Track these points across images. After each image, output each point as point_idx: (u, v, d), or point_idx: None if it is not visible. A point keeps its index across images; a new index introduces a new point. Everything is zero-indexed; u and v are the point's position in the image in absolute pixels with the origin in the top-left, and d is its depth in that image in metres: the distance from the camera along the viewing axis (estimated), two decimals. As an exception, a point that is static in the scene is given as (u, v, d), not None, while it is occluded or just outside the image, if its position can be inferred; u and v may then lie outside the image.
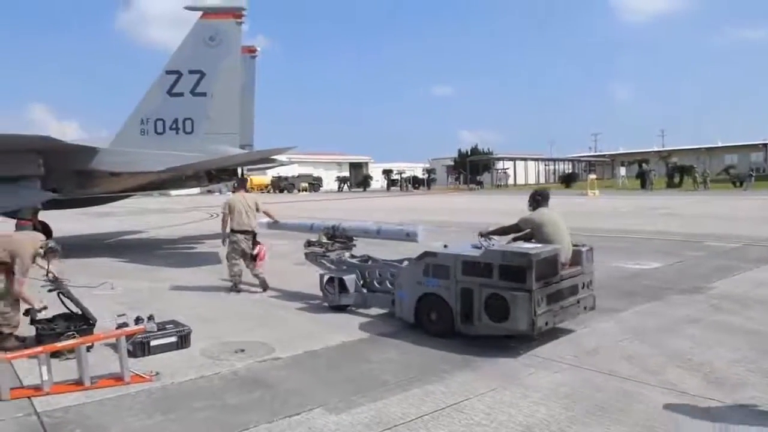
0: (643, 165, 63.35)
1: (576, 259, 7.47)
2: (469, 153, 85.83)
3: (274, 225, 11.29)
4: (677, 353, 6.53)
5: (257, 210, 10.80)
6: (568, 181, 70.08)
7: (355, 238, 9.67)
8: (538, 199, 8.06)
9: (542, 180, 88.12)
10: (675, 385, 5.52)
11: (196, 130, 15.96)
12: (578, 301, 7.20)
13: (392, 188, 79.24)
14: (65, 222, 21.36)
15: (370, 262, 8.93)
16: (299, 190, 75.29)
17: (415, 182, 79.88)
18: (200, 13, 16.00)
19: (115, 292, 10.81)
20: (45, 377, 5.56)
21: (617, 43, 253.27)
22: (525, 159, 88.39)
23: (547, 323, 6.59)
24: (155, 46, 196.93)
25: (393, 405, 5.23)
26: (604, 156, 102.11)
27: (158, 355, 6.71)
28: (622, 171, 64.64)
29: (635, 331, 7.42)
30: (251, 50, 21.41)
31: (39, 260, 7.27)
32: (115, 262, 14.83)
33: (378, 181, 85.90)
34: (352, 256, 9.24)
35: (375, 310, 8.51)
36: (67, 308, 7.36)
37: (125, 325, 6.86)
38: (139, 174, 16.19)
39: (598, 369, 6.04)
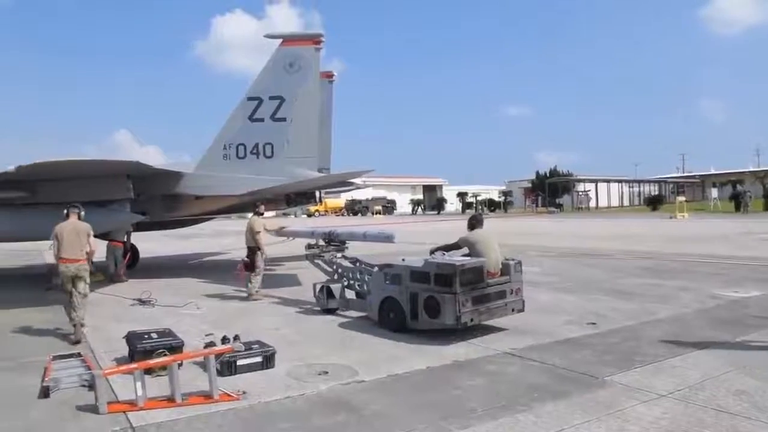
0: (738, 186, 59.95)
1: (505, 270, 8.91)
2: (547, 175, 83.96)
3: (281, 232, 13.76)
4: (790, 388, 6.00)
5: (257, 231, 12.57)
6: (654, 203, 67.24)
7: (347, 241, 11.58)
8: (474, 222, 9.56)
9: (626, 202, 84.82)
10: (792, 424, 5.05)
11: (276, 155, 16.36)
12: (506, 304, 8.68)
13: (467, 211, 78.58)
14: (150, 243, 22.25)
15: (357, 264, 10.50)
16: (373, 213, 75.77)
17: (491, 205, 78.75)
18: (280, 40, 16.47)
19: (200, 311, 11.13)
20: (139, 392, 5.72)
21: (707, 58, 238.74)
22: (608, 180, 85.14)
23: (472, 320, 8.08)
24: (231, 72, 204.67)
25: (482, 433, 5.03)
26: (693, 177, 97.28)
27: (244, 374, 6.79)
28: (714, 192, 61.04)
29: (740, 364, 6.89)
30: (329, 75, 21.80)
31: None
32: (199, 283, 15.28)
33: (452, 204, 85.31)
34: (344, 258, 11.00)
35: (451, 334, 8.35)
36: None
37: (212, 344, 7.00)
38: (221, 197, 16.68)
39: (702, 403, 5.63)
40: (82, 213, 9.50)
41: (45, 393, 6.11)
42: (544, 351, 7.65)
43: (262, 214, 13.31)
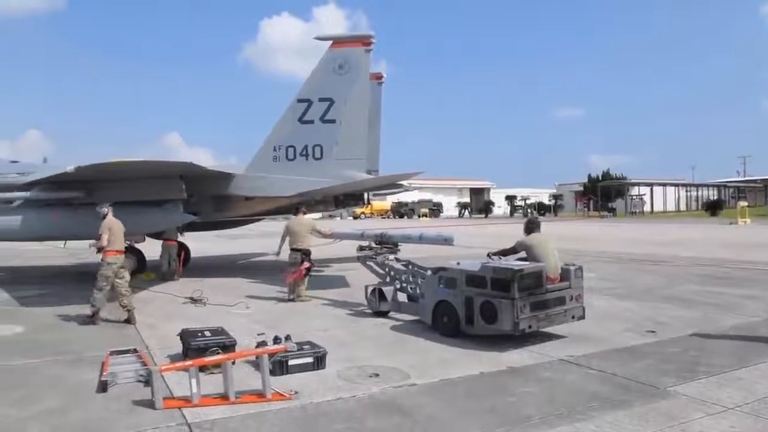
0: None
1: (565, 276, 8.67)
2: (600, 178, 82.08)
3: (329, 235, 13.52)
4: None
5: (311, 231, 12.66)
6: (713, 208, 64.98)
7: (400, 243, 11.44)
8: (531, 226, 9.42)
9: (683, 207, 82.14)
10: None
11: (326, 156, 16.38)
12: (565, 311, 8.43)
13: (516, 214, 77.42)
14: (200, 243, 22.59)
15: (410, 266, 10.35)
16: (419, 216, 75.53)
17: (541, 208, 77.39)
18: (329, 42, 16.51)
19: (249, 311, 11.23)
20: (194, 389, 5.76)
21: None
22: (663, 184, 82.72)
23: (530, 326, 7.88)
24: (279, 75, 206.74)
25: (540, 441, 4.89)
26: (755, 181, 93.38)
27: (295, 374, 6.79)
28: (779, 197, 58.64)
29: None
30: (378, 77, 21.70)
31: None
32: (248, 282, 15.43)
33: (500, 207, 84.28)
34: (397, 260, 10.82)
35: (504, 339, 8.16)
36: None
37: (264, 343, 7.02)
38: (271, 198, 16.79)
39: (775, 417, 5.33)
40: None
41: (103, 387, 6.25)
42: (602, 359, 7.42)
43: (306, 213, 13.32)
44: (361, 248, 11.39)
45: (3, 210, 13.97)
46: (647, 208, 76.22)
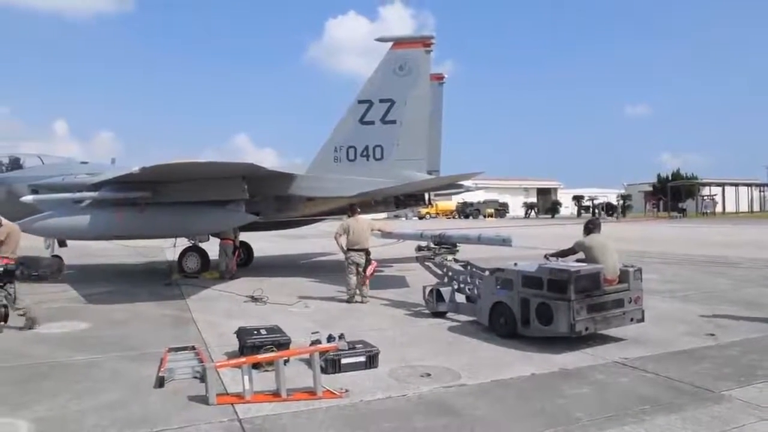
0: None
1: (624, 277, 8.49)
2: (669, 177, 79.02)
3: (387, 235, 13.48)
4: None
5: (371, 230, 12.65)
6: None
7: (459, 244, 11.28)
8: (590, 227, 9.26)
9: (756, 208, 78.20)
10: None
11: (386, 157, 16.44)
12: (624, 313, 8.23)
13: (583, 215, 75.28)
14: (261, 243, 23.05)
15: (468, 267, 10.20)
16: (485, 216, 74.69)
17: (609, 209, 75.05)
18: (390, 43, 16.53)
19: (308, 310, 11.37)
20: (247, 386, 5.89)
21: None
22: (736, 184, 79.14)
23: (587, 328, 7.72)
24: (344, 74, 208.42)
25: (589, 445, 4.77)
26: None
27: (347, 373, 6.84)
28: None
29: None
30: (439, 77, 21.59)
31: None
32: (308, 282, 15.63)
33: (567, 208, 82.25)
34: (456, 261, 10.73)
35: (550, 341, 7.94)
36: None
37: (318, 342, 7.09)
38: (332, 199, 16.95)
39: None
40: None
41: (160, 383, 6.44)
42: (658, 362, 7.22)
43: (360, 213, 13.39)
44: (419, 248, 11.35)
45: (73, 209, 14.57)
46: (719, 208, 72.95)
